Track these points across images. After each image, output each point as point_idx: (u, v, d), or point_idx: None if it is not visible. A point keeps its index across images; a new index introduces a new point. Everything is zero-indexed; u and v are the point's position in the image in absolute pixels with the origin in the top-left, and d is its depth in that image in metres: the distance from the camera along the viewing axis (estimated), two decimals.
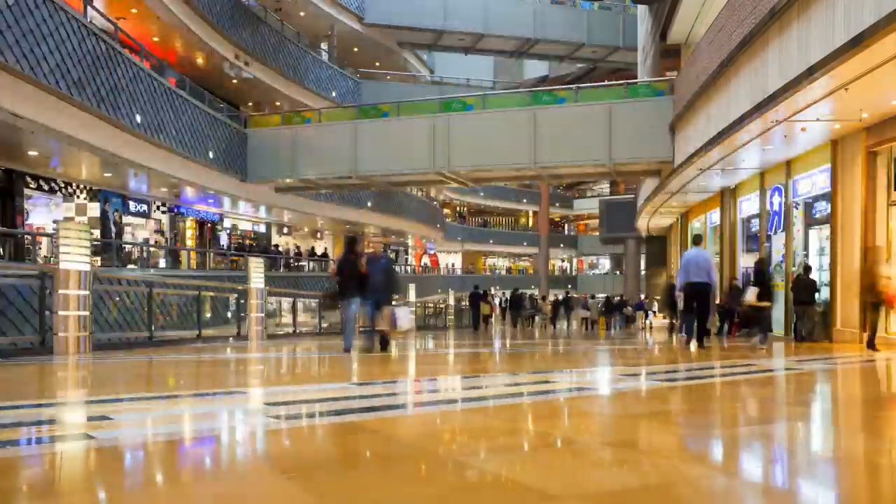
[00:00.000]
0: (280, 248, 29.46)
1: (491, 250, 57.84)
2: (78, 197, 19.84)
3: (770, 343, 11.29)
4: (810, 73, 8.65)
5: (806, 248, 13.34)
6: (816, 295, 12.02)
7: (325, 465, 2.74)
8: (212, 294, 14.75)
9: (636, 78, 25.86)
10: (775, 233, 14.59)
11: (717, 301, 12.73)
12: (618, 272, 53.76)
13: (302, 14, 29.27)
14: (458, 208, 56.56)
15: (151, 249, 21.35)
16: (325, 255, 32.19)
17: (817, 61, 8.45)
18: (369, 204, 30.59)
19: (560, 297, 29.41)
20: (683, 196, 19.28)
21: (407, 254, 46.97)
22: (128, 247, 20.14)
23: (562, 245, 58.99)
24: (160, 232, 23.65)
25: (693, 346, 10.21)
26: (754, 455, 3.18)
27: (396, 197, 33.20)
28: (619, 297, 30.60)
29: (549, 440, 3.37)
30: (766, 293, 11.04)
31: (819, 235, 12.97)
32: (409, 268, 43.48)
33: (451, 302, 27.62)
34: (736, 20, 11.61)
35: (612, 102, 18.48)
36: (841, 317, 11.67)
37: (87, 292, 8.41)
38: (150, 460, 2.90)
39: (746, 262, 16.57)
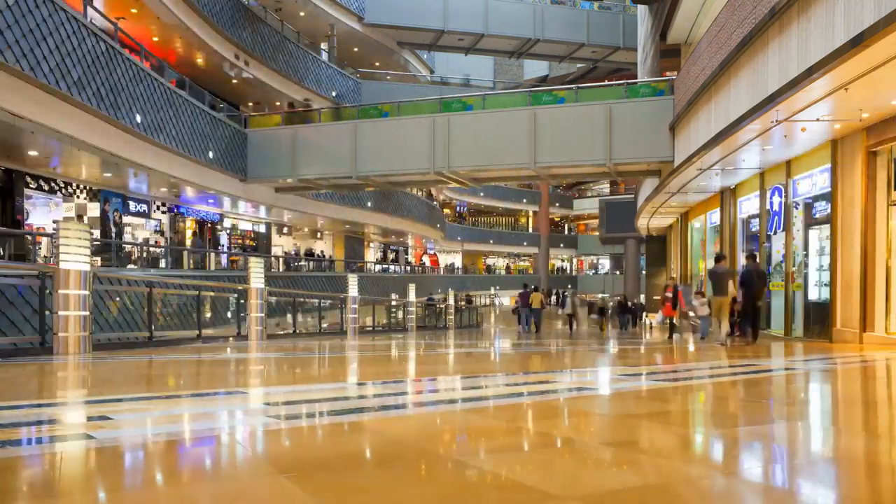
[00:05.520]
0: (275, 249, 29.48)
1: (491, 250, 57.88)
2: (78, 197, 19.84)
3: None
4: (810, 73, 8.65)
5: (806, 248, 13.33)
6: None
7: (325, 465, 2.74)
8: (212, 294, 14.75)
9: (636, 78, 25.86)
10: (775, 233, 14.57)
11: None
12: (618, 272, 53.79)
13: (302, 14, 29.26)
14: (458, 208, 56.58)
15: (151, 249, 21.33)
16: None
17: (817, 61, 8.44)
18: (369, 204, 30.59)
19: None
20: (683, 196, 19.27)
21: (407, 254, 46.98)
22: (128, 247, 20.14)
23: (562, 245, 59.03)
24: (160, 232, 23.64)
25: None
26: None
27: (396, 197, 33.20)
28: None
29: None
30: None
31: (819, 235, 12.95)
32: (408, 267, 43.50)
33: (451, 302, 27.60)
34: (736, 20, 11.61)
35: (611, 102, 18.47)
36: (841, 317, 11.66)
37: (87, 292, 8.41)
38: (150, 460, 2.90)
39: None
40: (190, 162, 19.45)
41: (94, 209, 20.21)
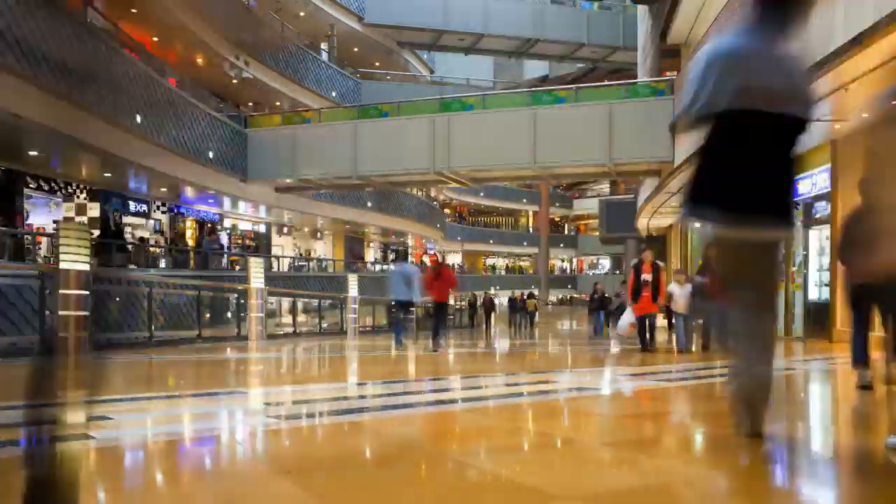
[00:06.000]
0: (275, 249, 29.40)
1: (491, 250, 57.85)
2: (78, 197, 19.84)
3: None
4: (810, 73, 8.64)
5: (806, 248, 13.33)
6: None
7: (326, 465, 2.74)
8: (212, 294, 14.75)
9: (636, 78, 25.82)
10: None
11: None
12: (617, 272, 53.75)
13: (302, 14, 29.25)
14: (458, 208, 56.56)
15: (151, 249, 21.32)
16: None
17: (817, 61, 8.44)
18: (369, 204, 30.58)
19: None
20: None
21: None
22: (128, 247, 20.13)
23: (562, 245, 59.01)
24: (160, 232, 23.63)
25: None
26: None
27: (396, 197, 33.18)
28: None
29: None
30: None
31: (819, 235, 12.95)
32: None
33: (451, 301, 27.63)
34: (736, 20, 11.60)
35: (611, 102, 18.46)
36: (841, 317, 11.65)
37: (87, 292, 8.41)
38: (150, 460, 2.90)
39: None
40: (190, 162, 19.45)
41: (94, 209, 20.21)
